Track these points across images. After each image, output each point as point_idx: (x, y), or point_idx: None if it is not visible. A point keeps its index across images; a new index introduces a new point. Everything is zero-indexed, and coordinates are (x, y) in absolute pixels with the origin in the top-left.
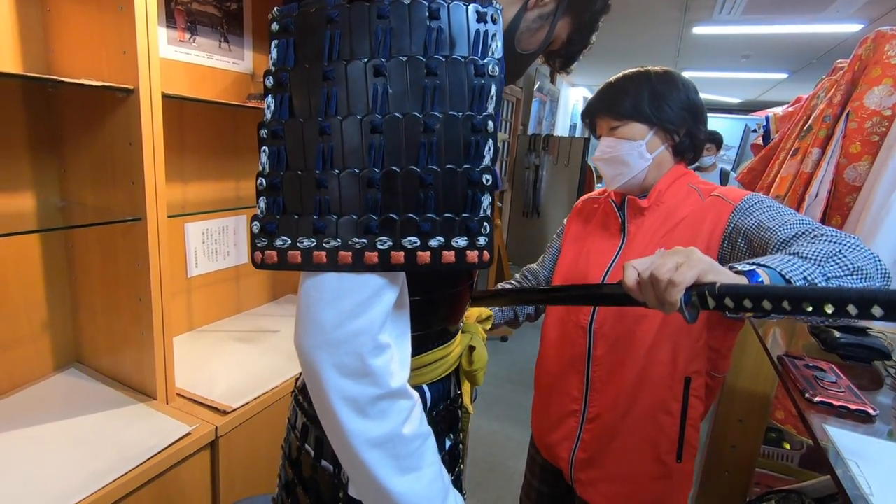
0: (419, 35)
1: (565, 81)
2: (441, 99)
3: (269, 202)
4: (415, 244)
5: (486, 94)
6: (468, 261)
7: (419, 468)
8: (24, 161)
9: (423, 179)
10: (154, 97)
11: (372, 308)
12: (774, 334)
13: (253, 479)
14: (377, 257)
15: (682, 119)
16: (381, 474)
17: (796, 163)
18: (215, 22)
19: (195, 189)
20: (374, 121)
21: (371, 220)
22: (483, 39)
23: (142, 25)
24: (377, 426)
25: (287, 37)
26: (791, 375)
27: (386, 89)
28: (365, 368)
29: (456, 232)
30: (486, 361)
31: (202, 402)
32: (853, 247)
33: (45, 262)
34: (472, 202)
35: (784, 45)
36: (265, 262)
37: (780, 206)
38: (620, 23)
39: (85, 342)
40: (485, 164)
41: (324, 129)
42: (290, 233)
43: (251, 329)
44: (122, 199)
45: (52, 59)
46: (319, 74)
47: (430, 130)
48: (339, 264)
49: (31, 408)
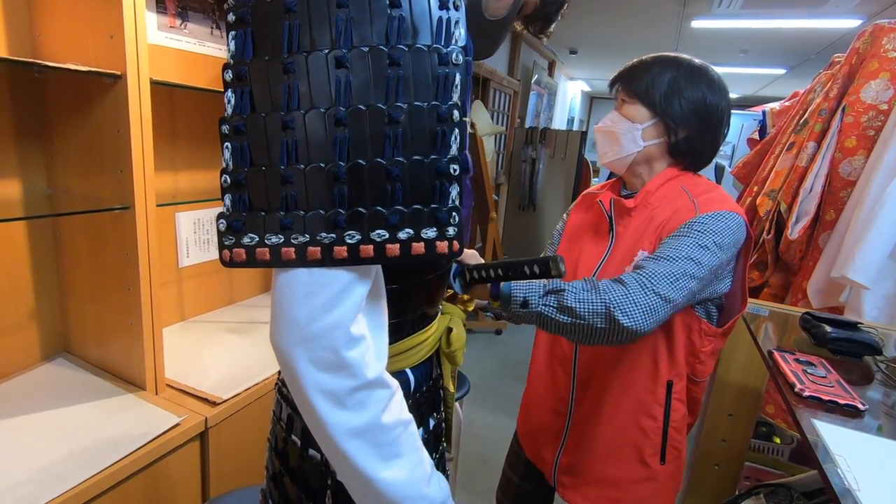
0: (380, 24)
1: (563, 75)
2: (405, 89)
3: (235, 199)
4: (383, 237)
5: (450, 83)
6: (438, 251)
7: (400, 455)
8: (10, 147)
9: (389, 172)
10: (142, 83)
11: (343, 302)
12: (766, 329)
13: (243, 470)
14: (346, 251)
15: (687, 120)
16: (363, 464)
17: (791, 157)
18: (207, 8)
19: (186, 178)
20: (338, 114)
21: (339, 215)
22: (446, 26)
23: (129, 10)
24: (356, 416)
25: (244, 28)
26: (781, 369)
27: (349, 81)
28: (340, 361)
29: (425, 223)
30: (464, 342)
31: (192, 392)
32: (617, 296)
33: (32, 250)
34: (440, 192)
35: (783, 40)
36: (234, 261)
37: (693, 246)
38: (619, 16)
39: (73, 332)
40: (452, 154)
41: (286, 123)
42: (257, 230)
43: (243, 320)
44: (111, 187)
45: (38, 44)
46: (280, 67)
47: (394, 122)
48: (308, 260)
49: (18, 398)
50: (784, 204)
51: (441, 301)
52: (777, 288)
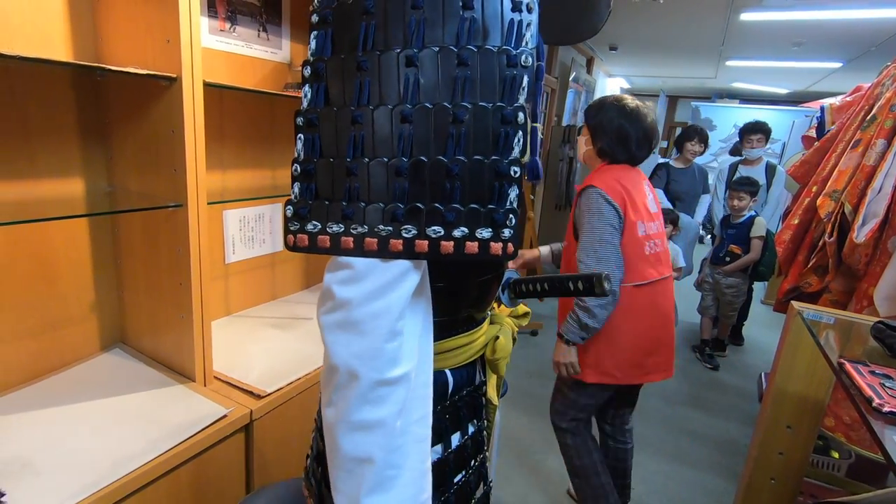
0: (452, 25)
1: (602, 71)
2: (471, 89)
3: (303, 188)
4: (439, 234)
5: (517, 84)
6: (492, 252)
7: (399, 466)
8: (75, 147)
9: (449, 170)
10: (196, 86)
11: (392, 292)
12: (828, 337)
13: (285, 462)
14: (402, 245)
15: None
16: (360, 458)
17: (857, 155)
18: (255, 11)
19: (233, 177)
20: (405, 111)
21: (397, 209)
22: (517, 29)
23: (185, 15)
24: (372, 410)
25: (325, 28)
26: (855, 382)
27: (417, 79)
28: (375, 350)
29: (481, 223)
30: (508, 352)
31: (238, 385)
32: None
33: (93, 245)
34: (498, 193)
35: (840, 32)
36: (297, 245)
37: (588, 218)
38: (662, 11)
39: (129, 323)
40: (514, 156)
41: (355, 118)
42: (320, 218)
43: (286, 315)
44: (165, 185)
45: (100, 48)
46: (354, 64)
47: (458, 121)
48: (365, 250)
49: (79, 385)
50: (849, 205)
51: (490, 307)
52: (838, 294)
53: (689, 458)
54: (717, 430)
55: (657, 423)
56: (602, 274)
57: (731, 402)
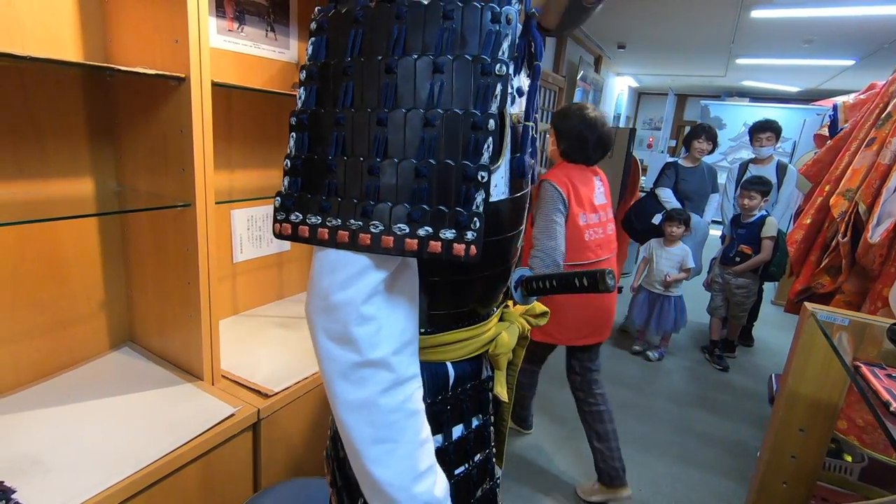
0: (432, 35)
1: (610, 70)
2: (446, 96)
3: (291, 181)
4: (404, 231)
5: (490, 93)
6: (454, 253)
7: (394, 440)
8: (84, 147)
9: (419, 171)
10: (204, 85)
11: (359, 282)
12: (841, 339)
13: (292, 461)
14: (369, 239)
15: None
16: (355, 437)
17: (872, 153)
18: (262, 11)
19: (241, 176)
20: (381, 115)
21: (368, 205)
22: (495, 39)
23: (193, 15)
24: (355, 391)
25: (321, 34)
26: (872, 386)
27: (395, 85)
28: (347, 335)
29: (445, 224)
30: (508, 348)
31: (245, 384)
32: None
33: (103, 244)
34: (465, 197)
35: (852, 29)
36: (281, 233)
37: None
38: (671, 8)
39: (138, 322)
40: (483, 161)
41: (338, 119)
42: (302, 209)
43: (292, 315)
44: (173, 185)
45: (109, 48)
46: (340, 69)
47: (430, 125)
48: (338, 242)
49: (88, 384)
50: (863, 204)
51: (503, 304)
52: (851, 295)
53: (697, 460)
54: (727, 432)
55: (665, 425)
56: (605, 271)
57: (741, 403)
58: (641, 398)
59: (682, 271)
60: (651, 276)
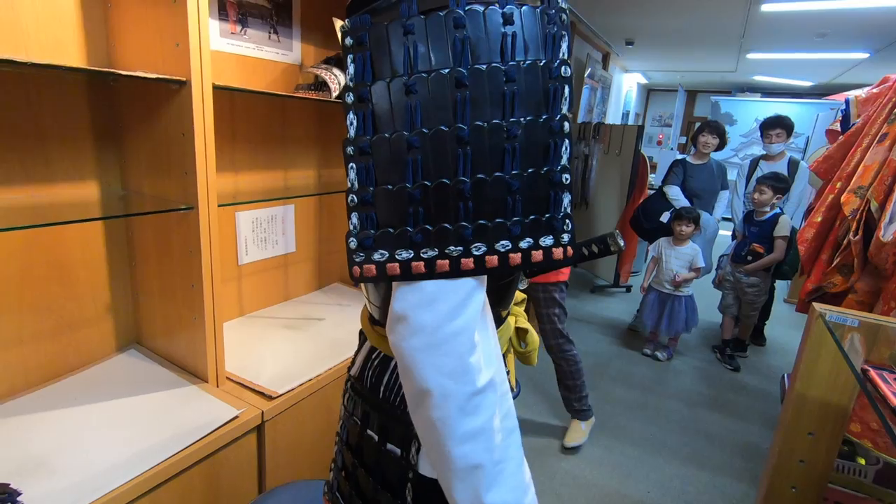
0: (496, 42)
1: (618, 67)
2: (520, 104)
3: (362, 217)
4: (507, 247)
5: (559, 95)
6: (555, 258)
7: (505, 460)
8: (89, 152)
9: (510, 185)
10: (205, 89)
11: (467, 309)
12: (853, 340)
13: (297, 463)
14: (473, 262)
15: None
16: (472, 465)
17: (884, 149)
18: (265, 14)
19: (246, 178)
20: (461, 132)
21: (465, 229)
22: (554, 42)
23: (193, 18)
24: (471, 421)
25: (362, 51)
26: (880, 391)
27: (467, 99)
28: (464, 366)
29: (542, 232)
30: (538, 343)
31: (250, 386)
32: None
33: (108, 248)
34: (554, 202)
35: (866, 21)
36: (364, 276)
37: None
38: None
39: (143, 325)
40: (563, 163)
41: (411, 142)
42: (387, 246)
43: (298, 316)
44: (176, 188)
45: (112, 53)
46: (402, 88)
47: (512, 137)
48: (437, 272)
49: (95, 386)
50: (875, 202)
51: (510, 302)
52: (864, 294)
53: (708, 462)
54: (738, 433)
55: (675, 425)
56: (613, 232)
57: (752, 404)
58: (651, 399)
59: (691, 270)
60: (660, 275)
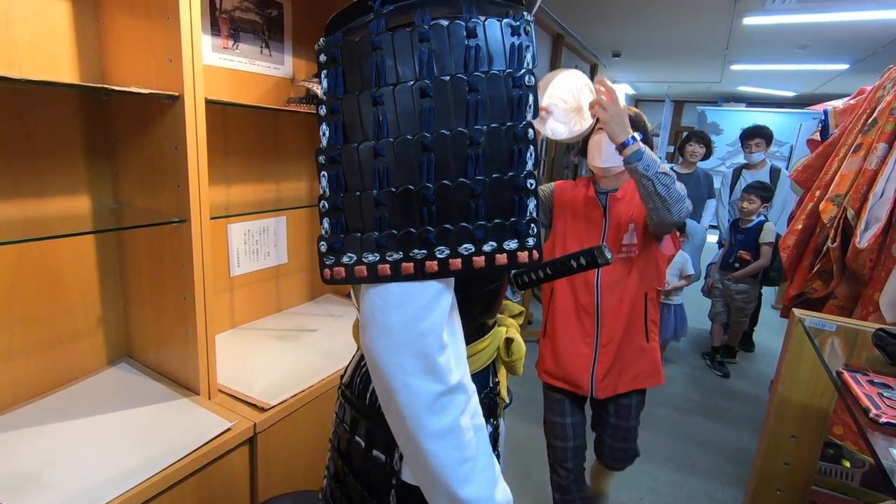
0: (459, 54)
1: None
2: (484, 112)
3: (333, 222)
4: (470, 250)
5: (524, 103)
6: (520, 261)
7: (474, 457)
8: (81, 166)
9: (473, 190)
10: (198, 103)
11: (434, 310)
12: (832, 344)
13: (290, 475)
14: (437, 265)
15: None
16: (443, 463)
17: (859, 159)
18: (257, 28)
19: (237, 191)
20: (425, 140)
21: (428, 233)
22: (518, 52)
23: (186, 35)
24: (440, 420)
25: (335, 66)
26: (852, 392)
27: (432, 108)
28: (431, 366)
29: (507, 235)
30: (524, 352)
31: (242, 398)
32: None
33: (100, 261)
34: (518, 206)
35: (845, 34)
36: (334, 278)
37: None
38: (664, 16)
39: (135, 338)
40: (528, 169)
41: (377, 151)
42: (354, 249)
43: (290, 327)
44: (169, 201)
45: (105, 69)
46: (370, 99)
47: (476, 143)
48: (403, 275)
49: (86, 400)
50: (851, 210)
51: (498, 312)
52: (844, 300)
53: (698, 468)
54: (728, 439)
55: (666, 432)
56: (601, 245)
57: (742, 409)
58: None
59: (681, 279)
60: None
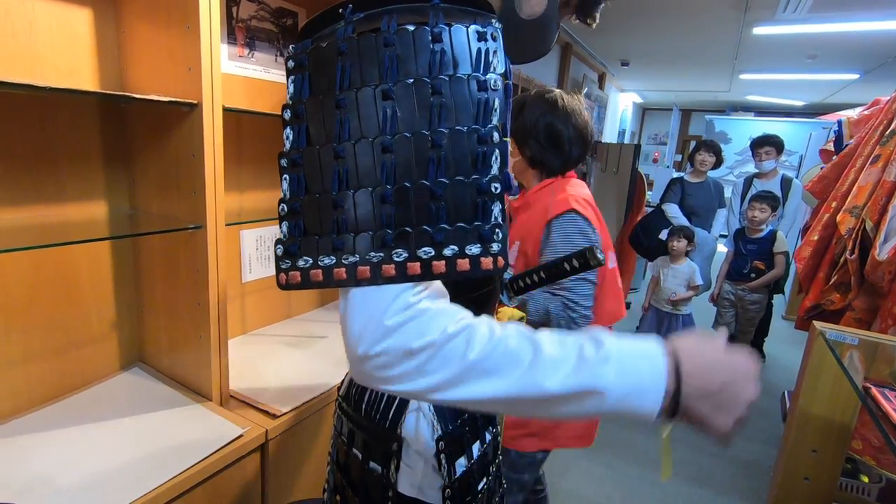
0: (424, 58)
1: (614, 87)
2: (447, 115)
3: (291, 226)
4: (430, 254)
5: (489, 107)
6: (483, 267)
7: (519, 362)
8: (99, 172)
9: (433, 192)
10: (216, 111)
11: (395, 303)
12: (852, 358)
13: (301, 483)
14: (394, 269)
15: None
16: (478, 395)
17: (877, 171)
18: (272, 37)
19: (251, 198)
20: (385, 141)
21: (386, 234)
22: (484, 57)
23: (206, 43)
24: (446, 372)
25: (302, 72)
26: (883, 409)
27: (395, 111)
28: (415, 356)
29: (469, 240)
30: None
31: (253, 404)
32: None
33: (115, 266)
34: (482, 210)
35: (855, 44)
36: (289, 283)
37: None
38: (674, 25)
39: (148, 343)
40: (492, 173)
41: (338, 153)
42: (311, 253)
43: (300, 334)
44: (185, 207)
45: (125, 77)
46: (332, 103)
47: (437, 146)
48: (359, 279)
49: (99, 405)
50: (870, 221)
51: (491, 314)
52: (862, 312)
53: (710, 480)
54: (739, 451)
55: (676, 444)
56: (592, 246)
57: (754, 421)
58: None
59: (689, 289)
60: (659, 294)
